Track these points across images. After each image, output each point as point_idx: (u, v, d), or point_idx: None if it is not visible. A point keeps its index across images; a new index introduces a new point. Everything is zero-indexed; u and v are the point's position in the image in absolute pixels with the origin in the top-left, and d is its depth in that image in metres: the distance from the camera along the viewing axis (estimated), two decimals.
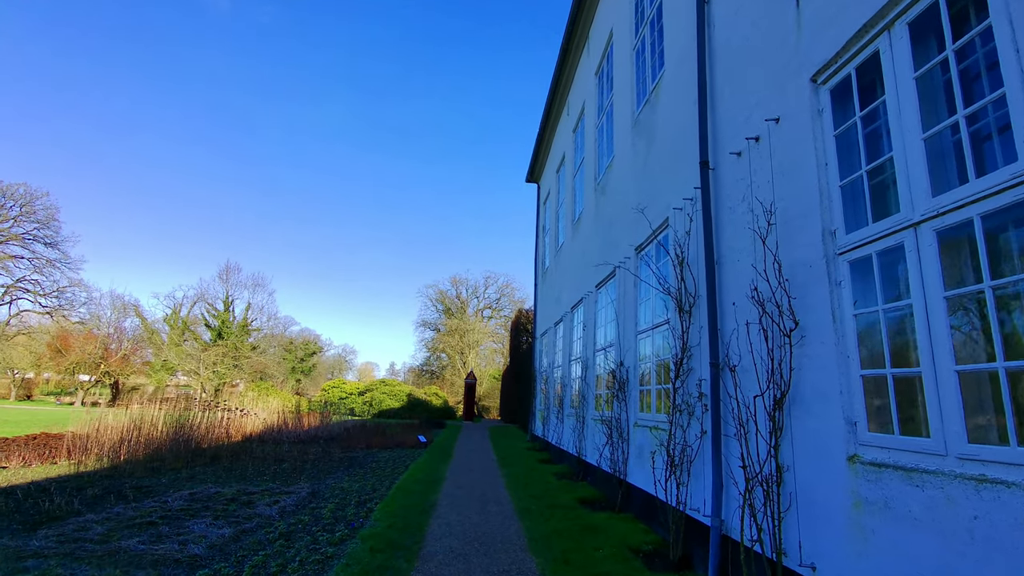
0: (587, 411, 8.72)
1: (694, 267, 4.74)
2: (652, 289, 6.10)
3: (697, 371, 4.55)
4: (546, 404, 13.25)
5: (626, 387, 6.64)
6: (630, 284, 6.81)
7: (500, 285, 49.06)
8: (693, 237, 4.77)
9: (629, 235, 6.90)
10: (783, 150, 3.44)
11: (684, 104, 5.25)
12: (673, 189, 5.45)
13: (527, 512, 5.97)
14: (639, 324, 6.50)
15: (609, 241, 7.97)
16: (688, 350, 4.73)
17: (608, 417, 7.09)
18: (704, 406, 4.35)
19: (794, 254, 3.25)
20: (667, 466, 4.74)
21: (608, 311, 8.17)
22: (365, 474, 8.62)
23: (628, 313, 6.79)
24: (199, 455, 9.64)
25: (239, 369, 37.88)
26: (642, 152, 6.69)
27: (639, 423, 6.12)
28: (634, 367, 6.47)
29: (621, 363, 6.85)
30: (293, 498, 6.29)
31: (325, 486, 7.34)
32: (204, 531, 4.68)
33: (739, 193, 4.01)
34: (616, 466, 6.57)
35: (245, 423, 12.79)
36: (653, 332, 5.97)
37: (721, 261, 4.25)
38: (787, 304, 3.23)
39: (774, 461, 3.26)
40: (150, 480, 7.57)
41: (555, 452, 11.24)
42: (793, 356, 3.18)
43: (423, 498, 6.58)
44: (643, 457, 5.84)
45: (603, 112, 9.23)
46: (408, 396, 33.10)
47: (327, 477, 8.23)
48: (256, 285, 41.62)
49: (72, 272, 37.41)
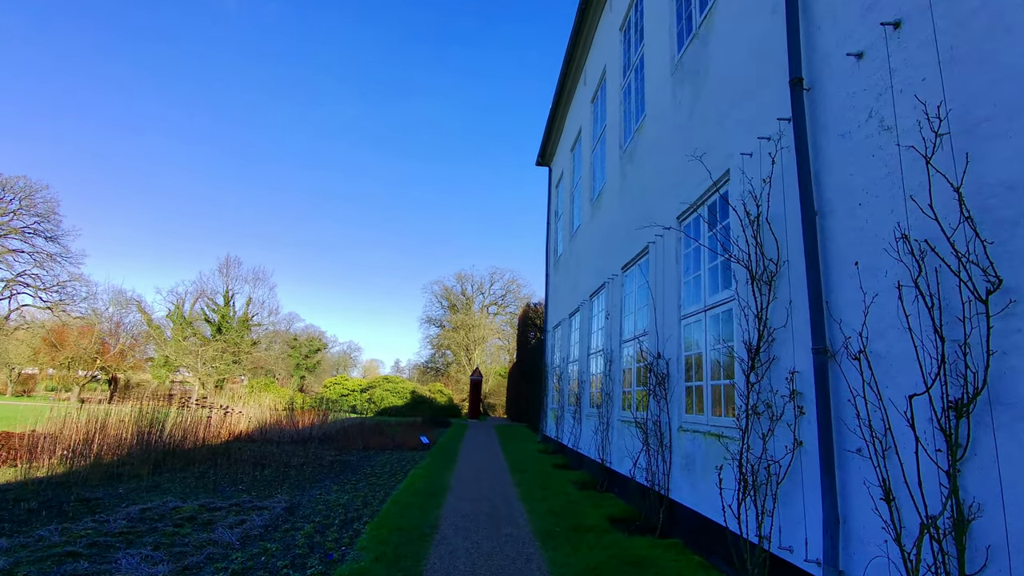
0: (612, 411, 7.59)
1: (777, 224, 3.59)
2: (702, 263, 4.96)
3: (784, 361, 3.41)
4: (560, 403, 12.11)
5: (666, 383, 5.51)
6: (670, 259, 5.67)
7: (506, 281, 47.91)
8: (776, 186, 3.62)
9: (668, 202, 5.75)
10: (965, 22, 2.28)
11: (754, 18, 4.09)
12: (736, 134, 4.31)
13: (549, 537, 4.85)
14: (684, 307, 5.36)
15: (640, 213, 6.83)
16: (768, 334, 3.59)
17: (642, 419, 5.96)
18: (799, 408, 3.21)
19: (991, 174, 2.10)
20: (739, 487, 3.60)
21: (639, 295, 7.03)
22: (357, 482, 7.52)
23: (668, 294, 5.65)
24: (173, 458, 8.57)
25: (239, 365, 36.91)
26: (687, 100, 5.54)
27: (687, 427, 4.98)
28: (677, 359, 5.33)
29: (659, 355, 5.72)
30: (265, 516, 5.20)
31: (308, 498, 6.24)
32: (133, 569, 3.58)
33: (861, 109, 2.85)
34: (655, 479, 5.44)
35: (233, 422, 11.72)
36: (705, 315, 4.82)
37: (828, 210, 3.10)
38: (981, 252, 2.09)
39: (951, 496, 2.12)
40: (104, 490, 6.50)
41: (572, 456, 10.11)
42: (992, 334, 2.03)
43: (423, 516, 5.47)
44: (693, 470, 4.71)
45: (630, 69, 8.07)
46: (412, 393, 32.02)
47: (313, 486, 7.14)
48: (257, 279, 40.59)
49: (73, 267, 36.48)
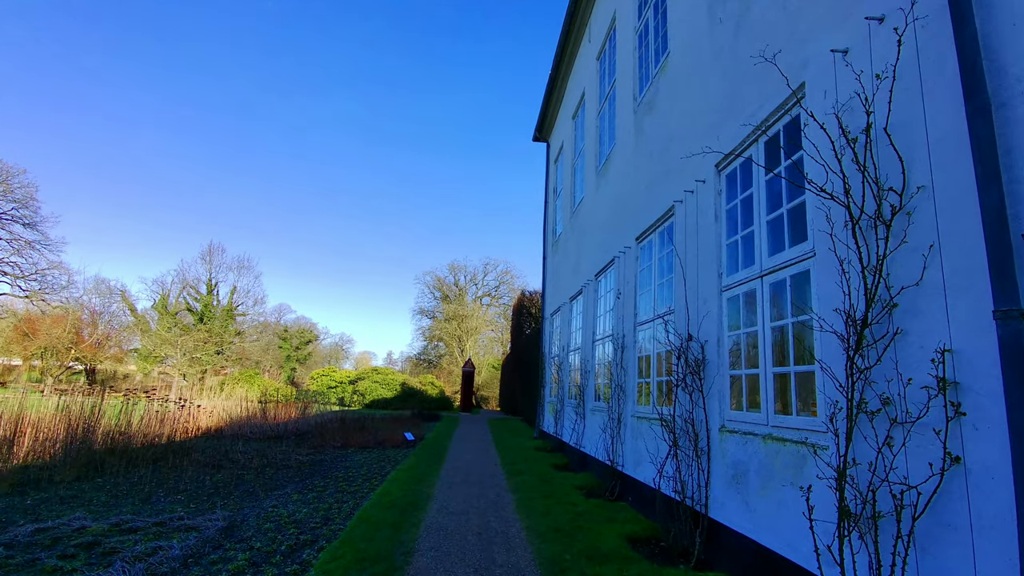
0: (625, 406, 6.48)
1: (906, 134, 2.46)
2: (756, 216, 3.84)
3: (920, 335, 2.29)
4: (559, 395, 11.01)
5: (702, 372, 4.40)
6: (706, 218, 4.55)
7: (500, 272, 46.74)
8: (906, 79, 2.48)
9: (703, 148, 4.61)
10: None
11: None
12: (820, 26, 3.18)
13: (558, 569, 3.74)
14: (726, 275, 4.24)
15: (663, 170, 5.69)
16: (887, 296, 2.47)
17: (668, 416, 4.85)
18: (953, 406, 2.09)
19: None
20: (840, 519, 2.49)
21: (656, 269, 5.90)
22: (324, 488, 6.38)
23: (704, 262, 4.53)
24: (113, 460, 7.40)
25: (222, 356, 35.54)
26: (731, 18, 4.39)
27: (734, 428, 3.88)
28: (718, 341, 4.22)
29: (690, 337, 4.61)
30: (191, 540, 4.04)
31: (257, 512, 5.09)
32: None
33: None
34: (688, 492, 4.34)
35: (195, 417, 10.52)
36: (762, 281, 3.70)
37: (1007, 96, 1.98)
38: None
39: None
40: (9, 500, 5.32)
41: (574, 456, 9.02)
42: None
43: (395, 538, 4.34)
44: (744, 484, 3.61)
45: (646, 7, 6.90)
46: (402, 386, 30.84)
47: (270, 494, 5.99)
48: (241, 267, 39.07)
49: (52, 255, 34.83)
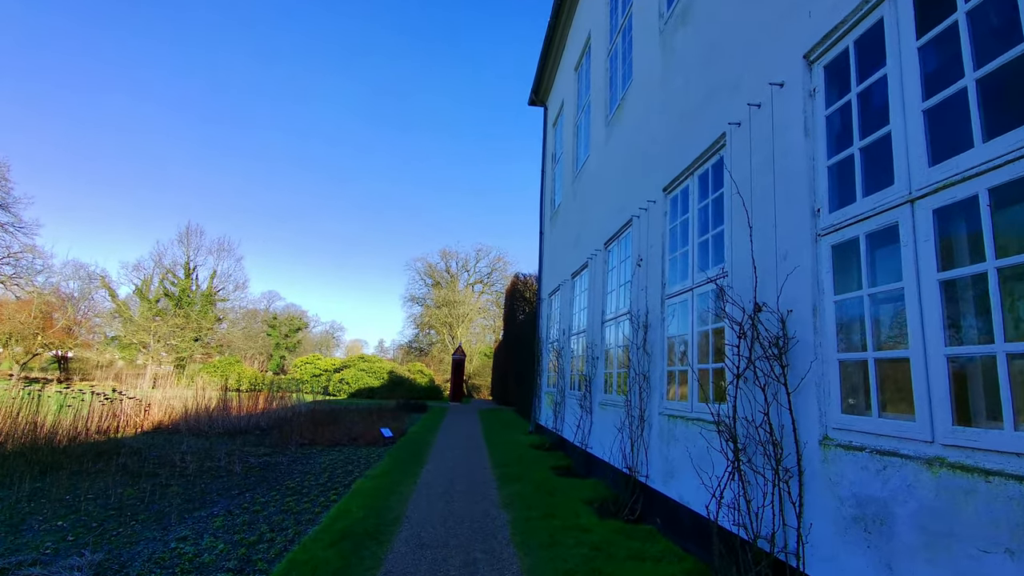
0: (650, 400, 5.11)
1: None
2: (873, 123, 2.43)
3: None
4: (559, 386, 9.65)
5: (784, 355, 3.02)
6: (790, 136, 3.15)
7: (492, 259, 45.31)
8: None
9: (778, 37, 3.20)
10: None
11: None
12: None
13: None
14: (826, 213, 2.84)
15: (705, 92, 4.27)
16: None
17: (719, 416, 3.48)
18: None
19: None
20: None
21: (696, 223, 4.51)
22: (266, 505, 4.98)
23: (784, 198, 3.14)
24: (23, 463, 5.97)
25: (200, 343, 33.91)
26: None
27: (842, 441, 2.51)
28: (814, 309, 2.84)
29: (760, 307, 3.23)
30: None
31: (150, 550, 3.68)
32: None
33: None
34: (763, 530, 2.98)
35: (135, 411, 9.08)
36: (911, 208, 2.30)
37: None
38: None
39: None
40: None
41: (577, 457, 7.68)
42: None
43: None
44: (885, 537, 2.25)
45: None
46: (389, 374, 29.40)
47: (186, 518, 4.56)
48: (221, 250, 37.37)
49: (26, 237, 32.92)
